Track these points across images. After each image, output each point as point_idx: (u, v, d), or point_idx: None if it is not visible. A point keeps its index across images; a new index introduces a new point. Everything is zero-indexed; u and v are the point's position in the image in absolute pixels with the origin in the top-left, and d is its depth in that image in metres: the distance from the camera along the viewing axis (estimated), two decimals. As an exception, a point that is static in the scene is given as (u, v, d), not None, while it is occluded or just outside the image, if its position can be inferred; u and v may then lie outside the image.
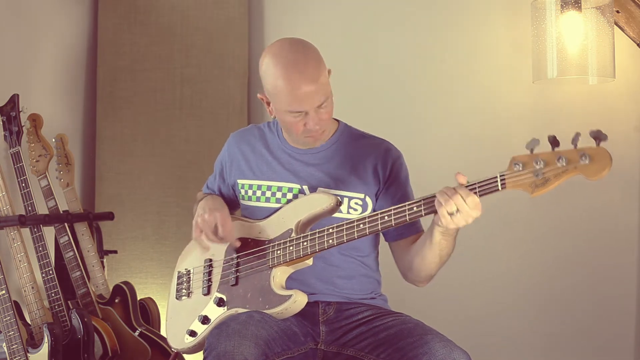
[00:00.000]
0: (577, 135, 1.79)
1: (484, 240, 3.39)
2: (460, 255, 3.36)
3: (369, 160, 2.29)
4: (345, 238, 2.09)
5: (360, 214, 2.24)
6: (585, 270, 3.30)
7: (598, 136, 1.77)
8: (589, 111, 3.26)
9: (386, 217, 2.04)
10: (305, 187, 2.26)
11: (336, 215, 2.21)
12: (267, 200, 2.29)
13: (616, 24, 3.13)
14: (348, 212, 2.25)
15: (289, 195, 2.27)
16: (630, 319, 3.26)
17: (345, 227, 2.09)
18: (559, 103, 3.31)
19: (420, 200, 2.01)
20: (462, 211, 1.96)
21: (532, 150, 1.85)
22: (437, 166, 3.36)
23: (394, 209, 2.04)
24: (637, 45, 3.19)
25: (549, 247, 3.34)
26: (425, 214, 2.00)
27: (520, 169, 1.86)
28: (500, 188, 1.89)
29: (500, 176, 1.89)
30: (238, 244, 2.25)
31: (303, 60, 2.15)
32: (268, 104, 2.27)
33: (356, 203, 2.25)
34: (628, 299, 3.26)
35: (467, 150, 3.38)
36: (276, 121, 2.39)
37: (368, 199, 2.27)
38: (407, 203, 2.03)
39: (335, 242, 2.10)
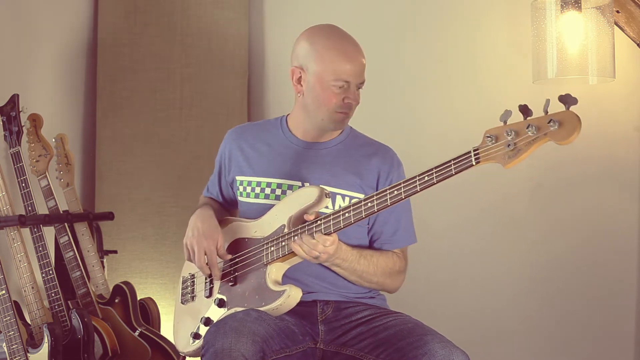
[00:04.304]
0: (547, 101, 1.77)
1: (483, 240, 3.39)
2: (460, 254, 3.39)
3: (372, 165, 2.31)
4: (332, 228, 2.09)
5: None
6: (586, 271, 3.30)
7: (566, 100, 1.75)
8: (589, 111, 3.25)
9: (369, 204, 2.04)
10: (306, 184, 2.27)
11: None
12: (267, 197, 2.30)
13: (616, 24, 3.13)
14: None
15: (289, 193, 2.27)
16: (630, 320, 3.26)
17: (332, 217, 2.09)
18: (559, 103, 3.30)
19: (400, 184, 2.00)
20: (322, 253, 2.08)
21: (505, 122, 1.83)
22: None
23: (376, 195, 2.03)
24: (637, 45, 3.19)
25: (548, 247, 3.34)
26: (406, 196, 1.99)
27: (493, 142, 1.83)
28: (474, 163, 1.88)
29: (474, 151, 1.88)
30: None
31: (354, 40, 2.29)
32: (299, 80, 2.29)
33: None
34: (628, 299, 3.26)
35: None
36: (279, 117, 2.40)
37: None
38: (387, 187, 2.02)
39: (322, 232, 2.10)
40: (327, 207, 2.23)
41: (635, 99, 3.25)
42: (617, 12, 3.09)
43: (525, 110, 1.81)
